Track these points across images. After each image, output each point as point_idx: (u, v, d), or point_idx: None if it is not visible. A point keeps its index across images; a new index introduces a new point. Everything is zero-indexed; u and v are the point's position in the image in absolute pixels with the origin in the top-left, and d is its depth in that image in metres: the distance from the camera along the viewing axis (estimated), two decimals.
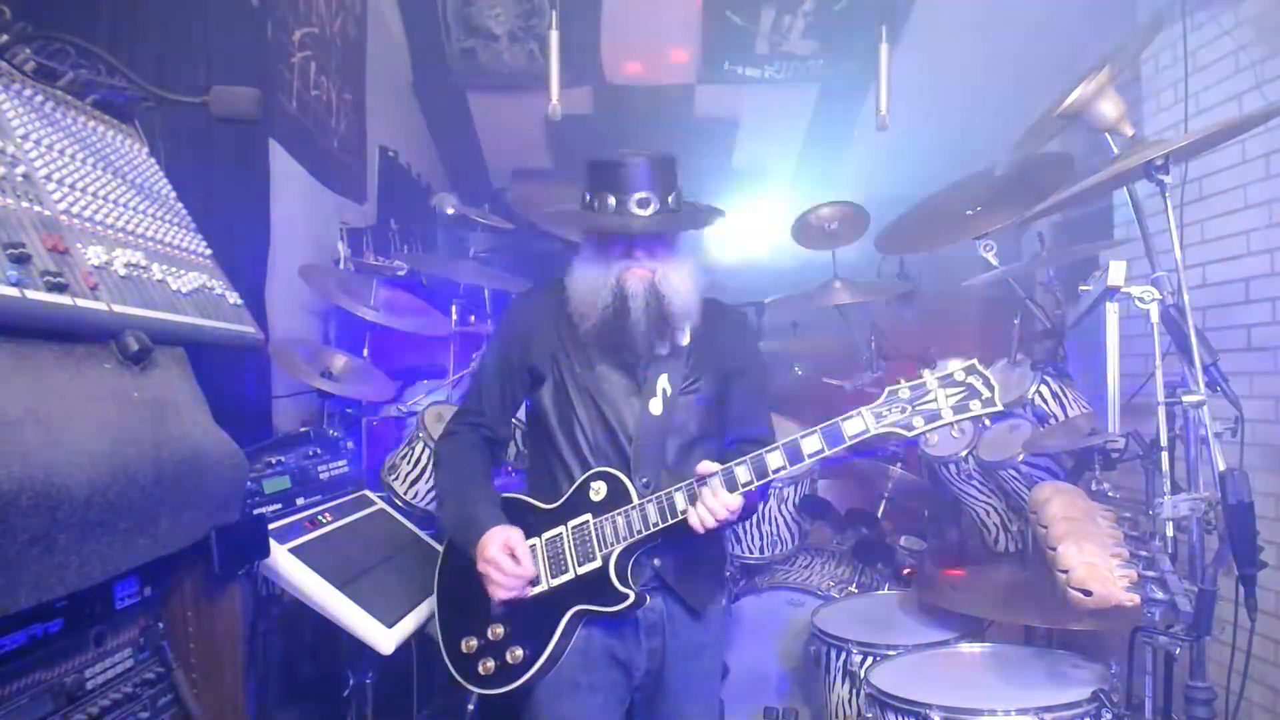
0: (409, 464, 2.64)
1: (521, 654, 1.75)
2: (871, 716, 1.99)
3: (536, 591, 1.76)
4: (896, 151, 4.48)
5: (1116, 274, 1.76)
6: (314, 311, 3.37)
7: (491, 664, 1.76)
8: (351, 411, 2.89)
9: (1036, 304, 2.86)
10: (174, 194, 1.62)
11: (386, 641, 1.92)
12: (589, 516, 1.76)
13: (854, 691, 2.23)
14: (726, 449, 1.88)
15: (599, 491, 1.77)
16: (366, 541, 2.21)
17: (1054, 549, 1.82)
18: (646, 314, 1.75)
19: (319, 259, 3.27)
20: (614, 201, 1.74)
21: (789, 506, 2.94)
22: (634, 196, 1.73)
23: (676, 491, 1.69)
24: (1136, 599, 1.68)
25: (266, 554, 1.71)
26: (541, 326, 1.89)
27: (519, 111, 5.11)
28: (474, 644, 1.79)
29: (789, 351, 3.70)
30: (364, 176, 4.17)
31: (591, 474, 1.79)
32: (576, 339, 1.85)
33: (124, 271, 1.29)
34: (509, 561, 1.71)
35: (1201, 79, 2.95)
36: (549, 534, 1.79)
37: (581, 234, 1.91)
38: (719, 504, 1.63)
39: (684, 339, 1.86)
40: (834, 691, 2.33)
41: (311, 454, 2.32)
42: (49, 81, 1.46)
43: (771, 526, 2.92)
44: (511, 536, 1.74)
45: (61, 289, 1.13)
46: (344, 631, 1.93)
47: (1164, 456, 1.79)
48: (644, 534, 1.71)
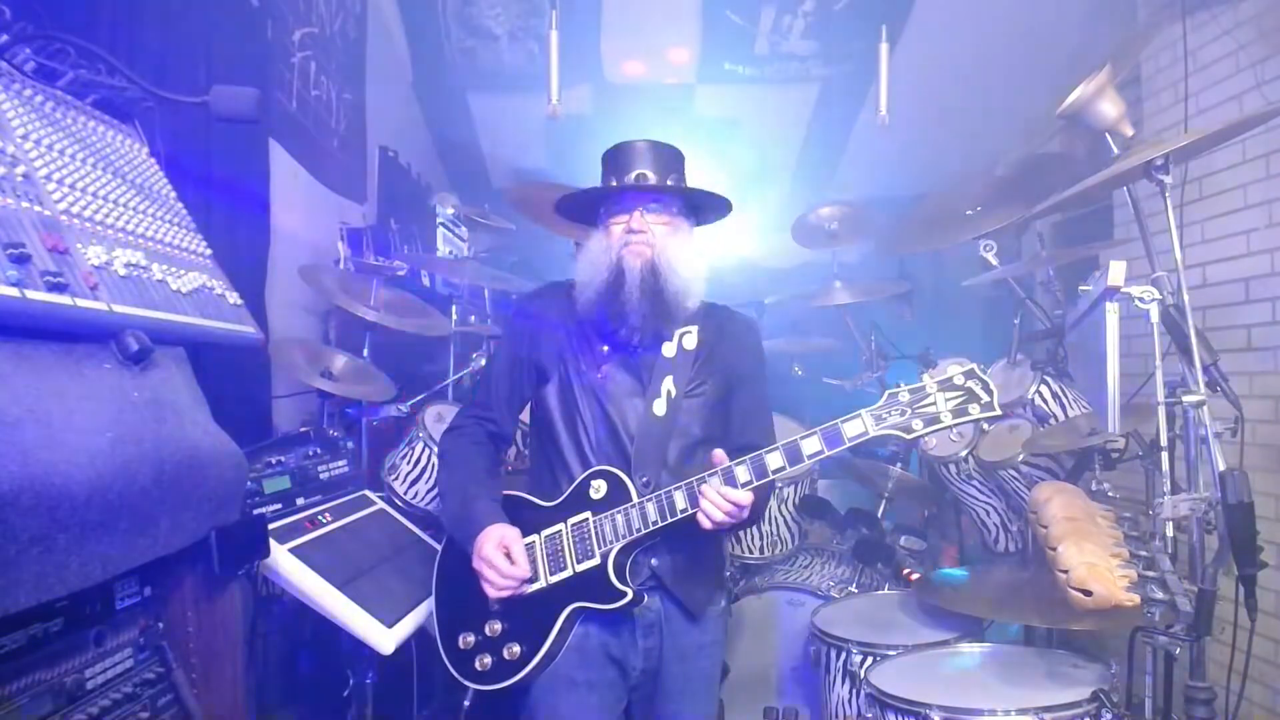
0: (409, 464, 2.64)
1: (519, 650, 1.75)
2: (871, 716, 1.99)
3: (535, 588, 1.75)
4: (896, 151, 4.49)
5: (1116, 274, 1.76)
6: (314, 311, 3.36)
7: (488, 660, 1.76)
8: (351, 411, 2.89)
9: (1036, 304, 2.86)
10: (174, 194, 1.62)
11: (386, 641, 1.92)
12: (588, 514, 1.76)
13: (854, 691, 2.23)
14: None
15: (599, 490, 1.77)
16: (366, 541, 2.21)
17: (1054, 549, 1.82)
18: (642, 288, 1.77)
19: (319, 259, 3.27)
20: (615, 182, 1.83)
21: (789, 506, 2.94)
22: (633, 173, 1.82)
23: (676, 490, 1.70)
24: (1136, 599, 1.68)
25: (266, 554, 1.71)
26: (549, 325, 1.90)
27: (519, 111, 5.10)
28: (471, 640, 1.79)
29: (789, 351, 3.70)
30: (364, 176, 4.16)
31: (592, 472, 1.79)
32: (583, 337, 1.87)
33: (124, 271, 1.29)
34: (504, 561, 1.71)
35: (1201, 79, 2.95)
36: (548, 531, 1.79)
37: (588, 233, 1.95)
38: (723, 499, 1.64)
39: (691, 342, 1.87)
40: (834, 691, 2.33)
41: (311, 454, 2.32)
42: (49, 81, 1.46)
43: (771, 526, 2.92)
44: (507, 535, 1.74)
45: (61, 289, 1.13)
46: (344, 631, 1.93)
47: (1164, 456, 1.80)
48: (643, 532, 1.71)
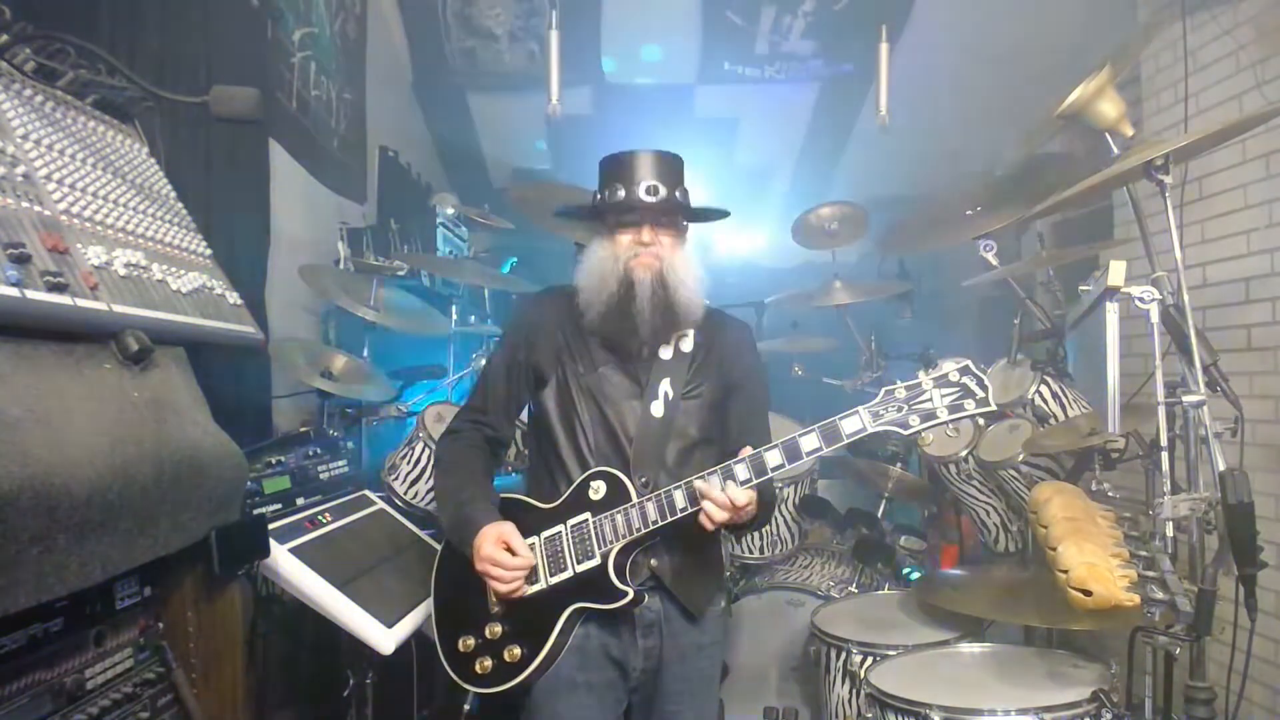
0: (409, 464, 2.64)
1: (519, 652, 1.74)
2: (871, 716, 1.99)
3: (535, 590, 1.75)
4: (896, 151, 4.48)
5: (1116, 274, 1.76)
6: (314, 311, 3.36)
7: (489, 663, 1.76)
8: (351, 411, 2.89)
9: (1036, 304, 2.86)
10: (174, 194, 1.62)
11: (386, 641, 1.92)
12: (588, 515, 1.76)
13: (854, 691, 2.23)
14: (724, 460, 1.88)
15: (598, 490, 1.77)
16: (366, 541, 2.21)
17: (1054, 549, 1.82)
18: (652, 301, 1.77)
19: (319, 259, 3.27)
20: (623, 192, 1.80)
21: (789, 506, 2.94)
22: (642, 184, 1.79)
23: (676, 490, 1.70)
24: (1136, 599, 1.68)
25: (266, 554, 1.71)
26: (547, 327, 1.90)
27: (519, 111, 5.10)
28: (471, 643, 1.79)
29: (789, 351, 3.69)
30: (364, 176, 4.16)
31: (591, 473, 1.79)
32: (581, 340, 1.87)
33: (124, 271, 1.29)
34: (506, 555, 1.71)
35: (1201, 79, 2.95)
36: (548, 532, 1.78)
37: (589, 234, 1.94)
38: (724, 496, 1.63)
39: (688, 345, 1.87)
40: (834, 691, 2.33)
41: (311, 454, 2.33)
42: (49, 81, 1.46)
43: (771, 526, 2.91)
44: (504, 530, 1.74)
45: (61, 289, 1.13)
46: (344, 631, 1.93)
47: (1164, 456, 1.79)
48: (643, 531, 1.71)
